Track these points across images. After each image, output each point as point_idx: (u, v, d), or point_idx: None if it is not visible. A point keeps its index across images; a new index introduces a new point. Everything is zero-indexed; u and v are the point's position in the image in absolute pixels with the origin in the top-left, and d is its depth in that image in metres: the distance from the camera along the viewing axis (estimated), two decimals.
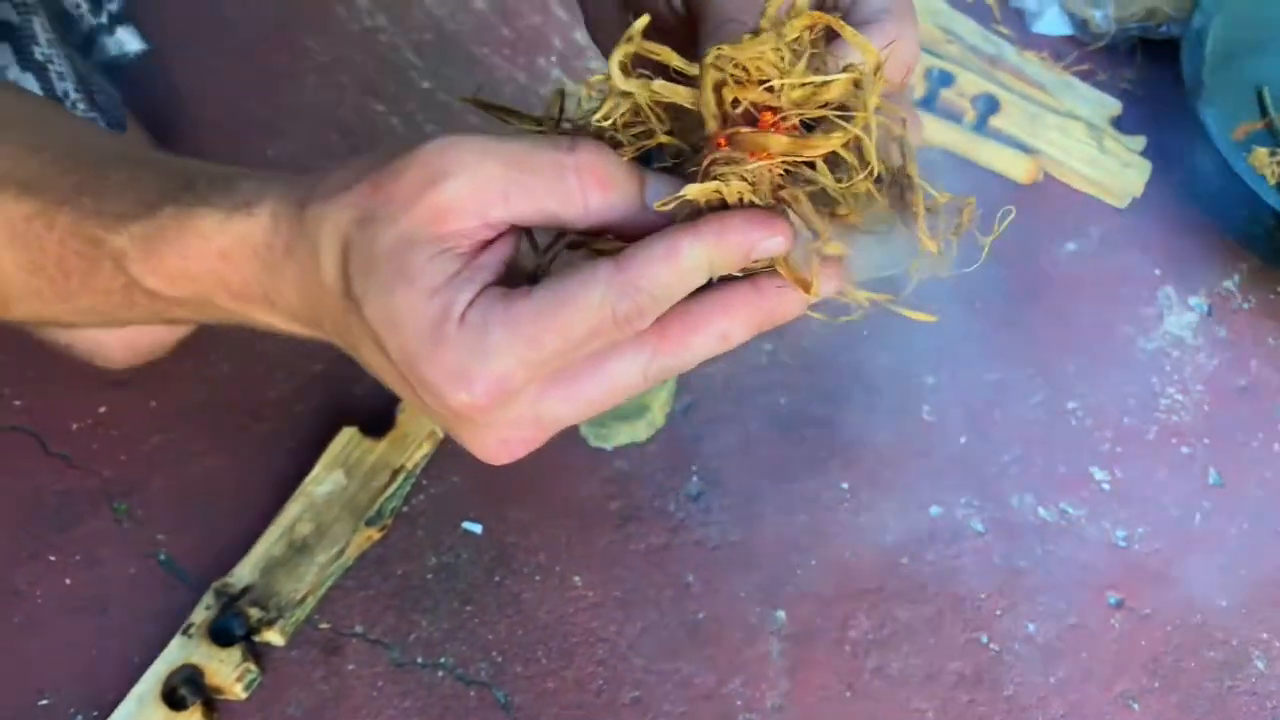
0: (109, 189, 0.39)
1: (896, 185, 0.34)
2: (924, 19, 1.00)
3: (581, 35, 1.01)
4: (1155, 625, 0.73)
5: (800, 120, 0.33)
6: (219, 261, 0.36)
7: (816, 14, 0.33)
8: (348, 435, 0.74)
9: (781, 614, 0.71)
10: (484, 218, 0.32)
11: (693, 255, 0.32)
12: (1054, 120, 0.95)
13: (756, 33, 0.32)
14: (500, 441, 0.35)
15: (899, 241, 0.34)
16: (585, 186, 0.33)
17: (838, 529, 0.75)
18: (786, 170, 0.33)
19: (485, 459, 0.36)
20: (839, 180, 0.33)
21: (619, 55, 0.33)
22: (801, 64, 0.32)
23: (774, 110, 0.32)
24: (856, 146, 0.33)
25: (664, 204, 0.33)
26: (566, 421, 0.35)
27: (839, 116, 0.32)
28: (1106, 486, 0.78)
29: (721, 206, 0.33)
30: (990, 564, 0.74)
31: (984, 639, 0.71)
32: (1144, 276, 0.89)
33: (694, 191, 0.32)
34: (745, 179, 0.32)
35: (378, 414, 0.75)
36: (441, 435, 0.75)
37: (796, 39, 0.32)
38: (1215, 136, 0.82)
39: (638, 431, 0.77)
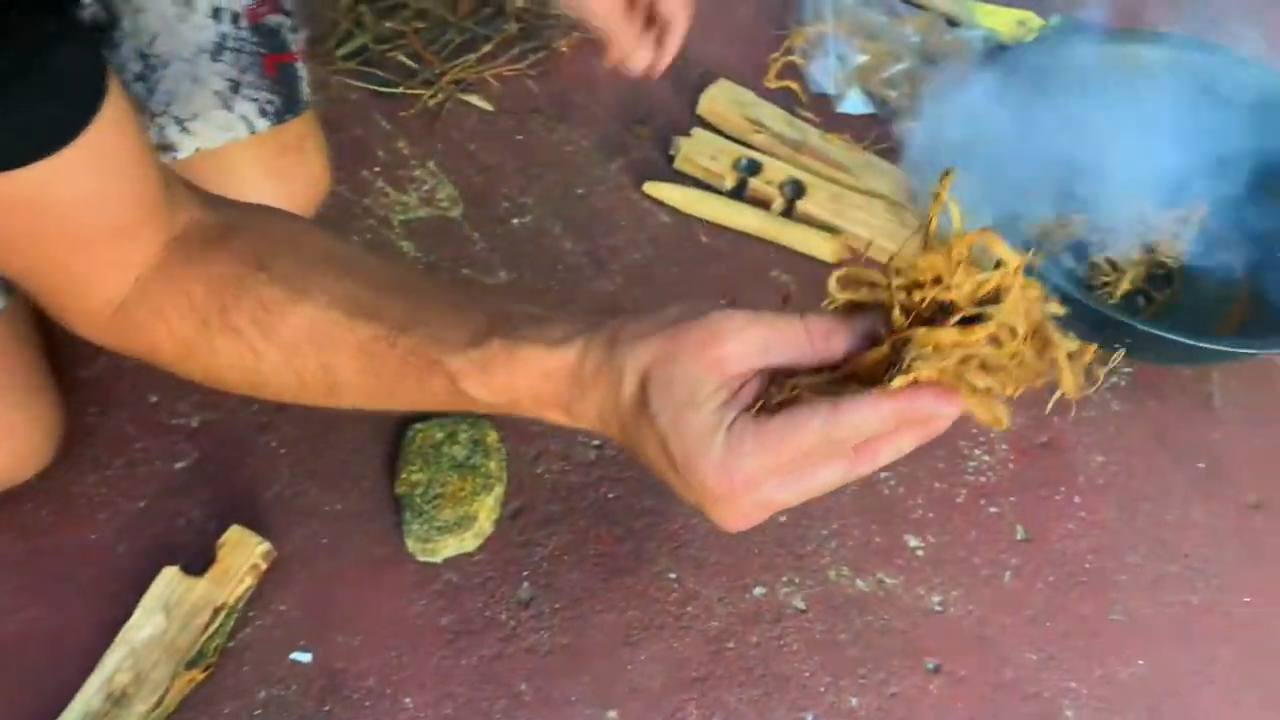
0: (438, 319, 0.54)
1: (1038, 338, 0.46)
2: (732, 109, 1.05)
3: (404, 144, 1.04)
4: (971, 687, 0.76)
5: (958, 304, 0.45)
6: (538, 380, 0.51)
7: (977, 233, 0.45)
8: (168, 575, 0.73)
9: (613, 714, 0.73)
10: (751, 365, 0.47)
11: (890, 412, 0.44)
12: (857, 199, 1.00)
13: (925, 247, 0.45)
14: (738, 515, 0.48)
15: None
16: (814, 341, 0.47)
17: (666, 620, 0.77)
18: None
19: (726, 528, 0.49)
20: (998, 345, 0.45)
21: (836, 276, 0.48)
22: (962, 268, 0.44)
23: (951, 304, 0.44)
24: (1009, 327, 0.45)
25: (877, 394, 0.45)
26: (789, 504, 0.48)
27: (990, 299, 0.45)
28: (921, 553, 0.82)
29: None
30: (813, 640, 0.77)
31: (809, 717, 0.74)
32: None
33: (899, 382, 0.44)
34: (938, 367, 0.44)
35: (200, 550, 0.75)
36: (265, 566, 0.75)
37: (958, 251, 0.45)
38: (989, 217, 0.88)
39: (465, 543, 0.78)
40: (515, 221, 0.99)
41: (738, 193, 1.01)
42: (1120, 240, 0.95)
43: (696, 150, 1.02)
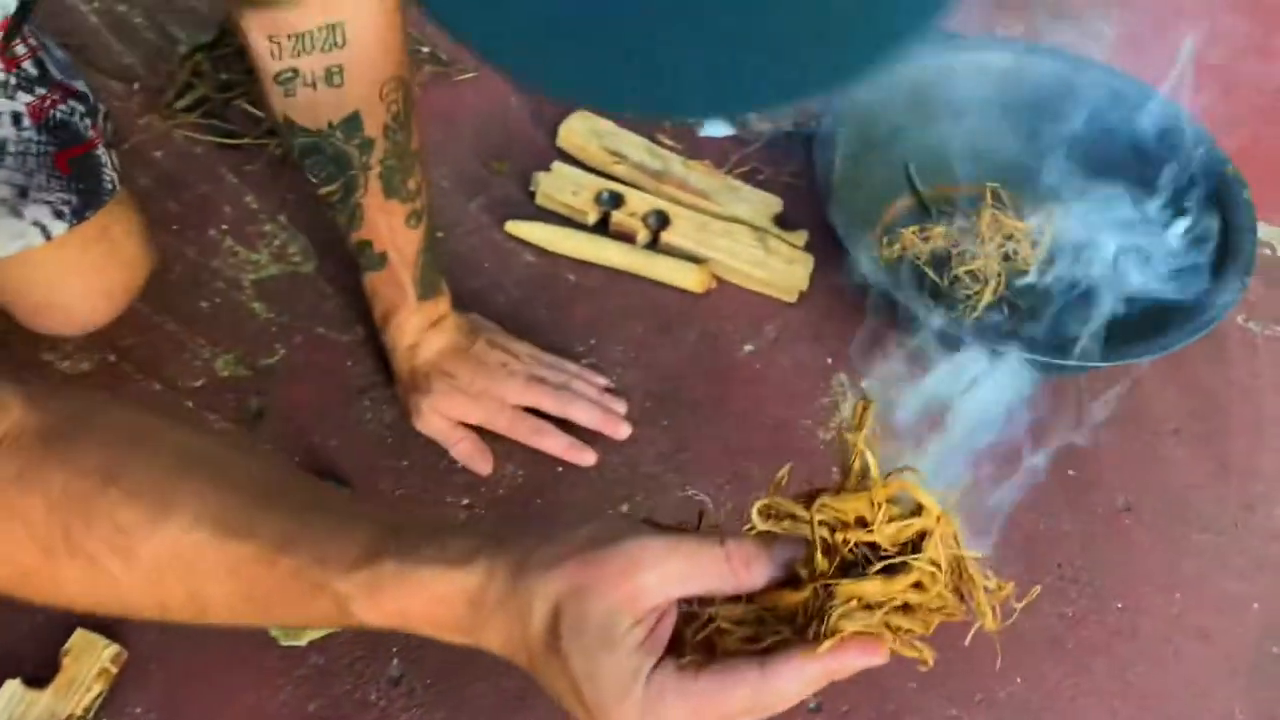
0: (322, 534, 0.48)
1: (957, 576, 0.47)
2: (591, 140, 1.03)
3: (252, 199, 1.00)
4: None
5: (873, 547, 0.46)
6: (434, 604, 0.47)
7: (897, 481, 0.46)
8: (10, 690, 0.69)
9: None
10: (669, 597, 0.45)
11: (817, 675, 0.44)
12: (721, 227, 0.99)
13: (843, 488, 0.46)
14: None
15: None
16: (736, 569, 0.45)
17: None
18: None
19: None
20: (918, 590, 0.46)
21: (759, 505, 0.47)
22: (882, 511, 0.45)
23: (873, 546, 0.45)
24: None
25: (805, 656, 0.45)
26: None
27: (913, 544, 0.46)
28: None
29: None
30: None
31: None
32: (818, 367, 0.94)
33: (826, 646, 0.44)
34: (858, 625, 0.45)
35: (44, 660, 0.71)
36: (115, 670, 0.71)
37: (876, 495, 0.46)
38: (843, 239, 0.87)
39: None
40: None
41: (601, 227, 1.00)
42: (980, 250, 0.96)
43: (556, 185, 1.00)
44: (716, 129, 1.07)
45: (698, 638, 0.47)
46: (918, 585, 0.45)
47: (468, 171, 1.04)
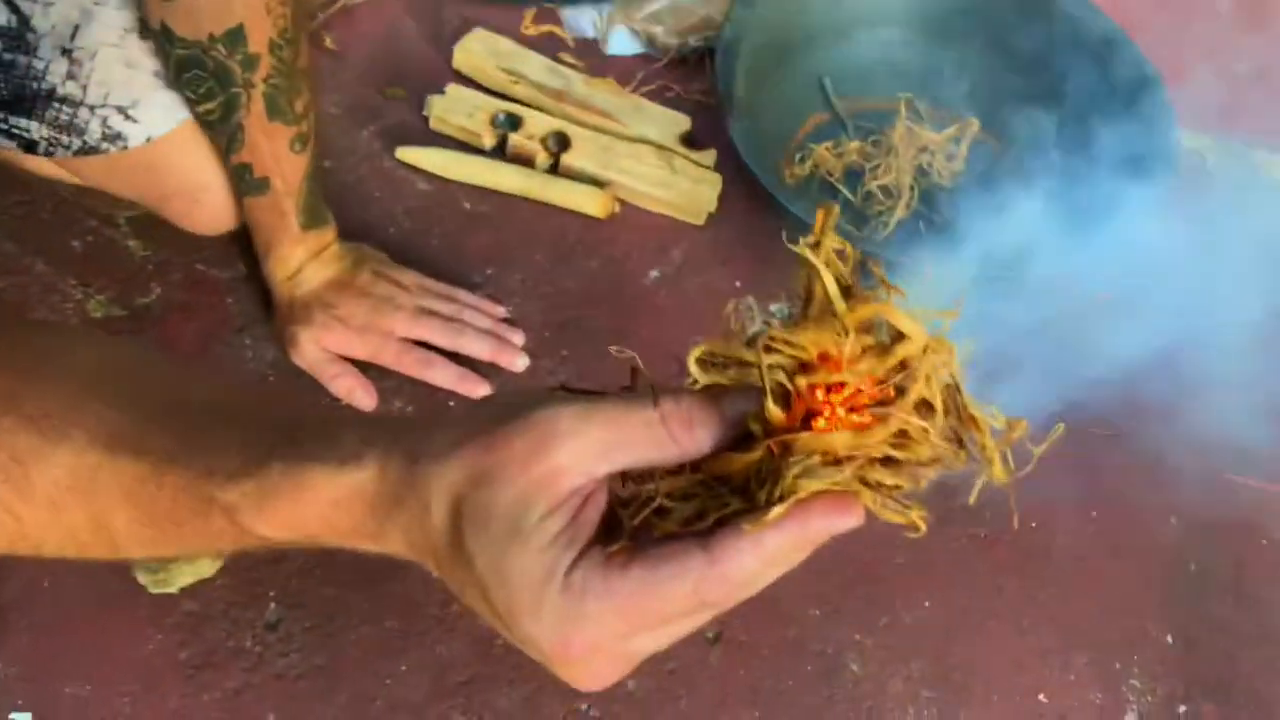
0: (213, 446, 0.43)
1: (954, 416, 0.36)
2: (488, 61, 0.98)
3: None
4: (753, 652, 0.73)
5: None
6: (329, 509, 0.40)
7: (869, 304, 0.36)
8: None
9: None
10: (591, 476, 0.36)
11: (778, 548, 0.35)
12: (625, 148, 0.94)
13: (803, 320, 0.36)
14: (593, 676, 0.38)
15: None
16: (674, 432, 0.36)
17: (429, 625, 0.72)
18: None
19: (579, 688, 0.39)
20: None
21: (696, 353, 0.38)
22: (852, 343, 0.35)
23: (838, 388, 0.35)
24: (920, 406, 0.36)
25: (755, 526, 0.35)
26: (654, 652, 0.38)
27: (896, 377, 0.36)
28: None
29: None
30: None
31: (584, 707, 0.70)
32: (726, 291, 0.90)
33: (779, 513, 0.34)
34: (823, 484, 0.35)
35: None
36: None
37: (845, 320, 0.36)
38: (744, 154, 0.83)
39: (203, 568, 0.72)
40: None
41: (499, 151, 0.95)
42: (895, 164, 0.91)
43: (451, 108, 0.95)
44: (623, 45, 1.02)
45: (635, 521, 0.38)
46: (902, 434, 0.36)
47: (360, 98, 0.99)
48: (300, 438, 0.42)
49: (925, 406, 0.36)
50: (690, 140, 0.97)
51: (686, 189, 0.93)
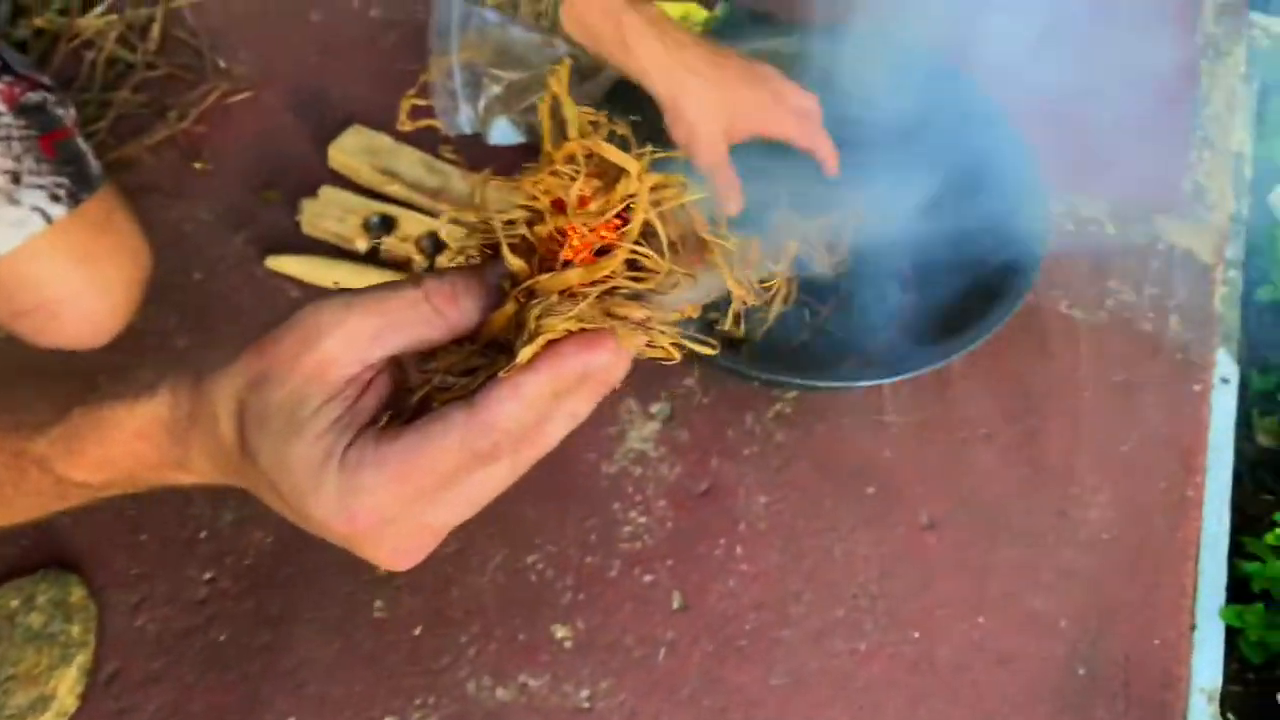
0: (21, 403, 0.44)
1: (691, 242, 0.38)
2: (362, 159, 0.96)
3: None
4: None
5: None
6: (135, 441, 0.41)
7: (579, 142, 0.37)
8: None
9: None
10: (363, 362, 0.37)
11: (536, 390, 0.36)
12: None
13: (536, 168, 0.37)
14: (394, 551, 0.39)
15: (707, 278, 0.39)
16: (440, 307, 0.37)
17: None
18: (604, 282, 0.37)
19: (387, 567, 0.39)
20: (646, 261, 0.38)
21: (443, 220, 0.37)
22: (578, 186, 0.36)
23: (573, 231, 0.36)
24: (648, 232, 0.37)
25: (509, 372, 0.36)
26: (455, 522, 0.38)
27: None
28: (569, 643, 0.76)
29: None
30: None
31: None
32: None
33: (527, 352, 0.35)
34: (568, 319, 0.36)
35: None
36: None
37: (575, 165, 0.37)
38: None
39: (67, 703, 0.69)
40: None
41: (373, 255, 0.93)
42: (772, 256, 0.89)
43: (323, 212, 0.93)
44: (505, 135, 1.00)
45: (415, 400, 0.38)
46: (637, 265, 0.37)
47: (235, 202, 0.97)
48: (100, 382, 0.43)
49: (652, 236, 0.37)
50: None
51: None
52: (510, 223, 0.37)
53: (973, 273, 0.83)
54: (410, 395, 0.39)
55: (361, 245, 0.92)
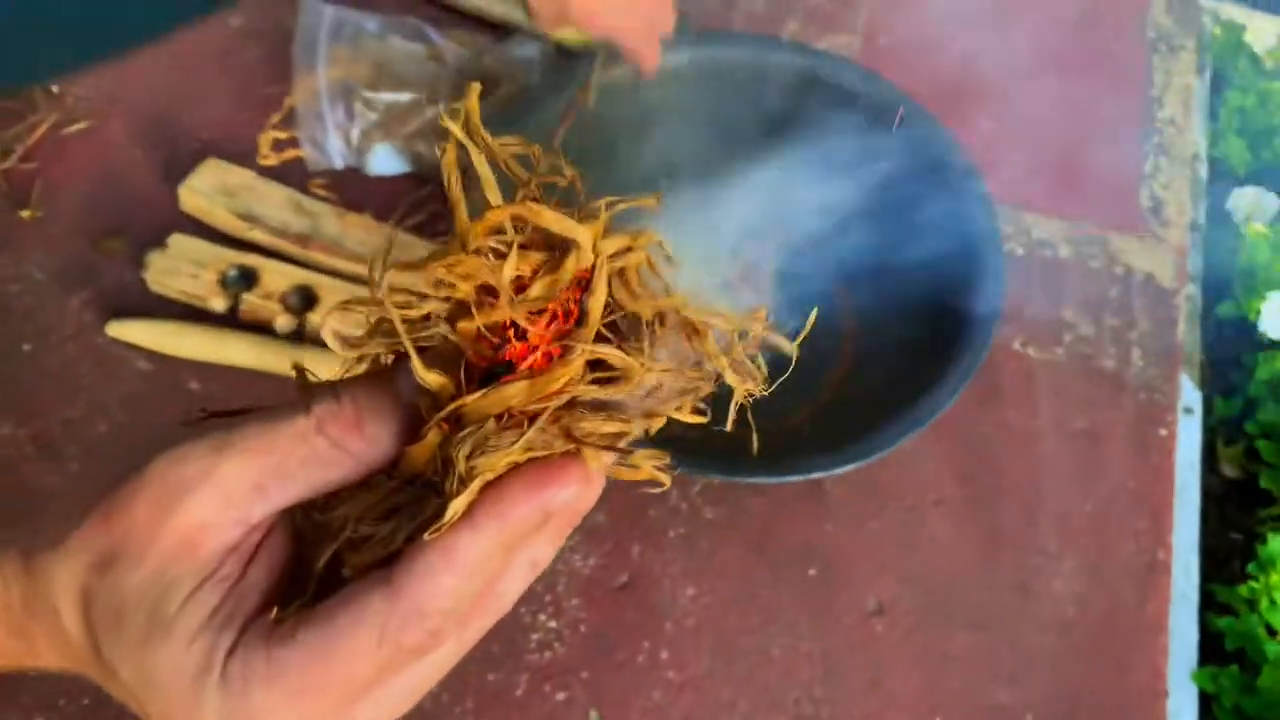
0: None
1: (674, 317, 0.29)
2: (216, 202, 0.83)
3: None
4: None
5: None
6: None
7: (510, 207, 0.27)
8: None
9: None
10: (244, 523, 0.29)
11: (478, 552, 0.27)
12: None
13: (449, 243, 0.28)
14: None
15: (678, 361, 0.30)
16: (339, 438, 0.29)
17: None
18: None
19: None
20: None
21: (330, 314, 0.25)
22: (510, 265, 0.27)
23: (514, 327, 0.28)
24: (613, 324, 0.28)
25: (437, 533, 0.27)
26: (394, 714, 0.30)
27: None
28: None
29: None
30: None
31: None
32: None
33: (459, 505, 0.27)
34: (512, 453, 0.27)
35: None
36: None
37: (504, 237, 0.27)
38: None
39: None
40: None
41: (233, 314, 0.80)
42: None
43: (172, 266, 0.80)
44: (386, 164, 0.88)
45: (321, 564, 0.30)
46: (604, 367, 0.28)
47: (72, 255, 0.83)
48: None
49: (616, 332, 0.28)
50: None
51: None
52: (423, 318, 0.28)
53: (924, 325, 0.74)
54: (313, 555, 0.30)
55: (218, 305, 0.79)
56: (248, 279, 0.80)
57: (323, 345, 0.78)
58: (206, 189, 0.83)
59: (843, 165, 0.71)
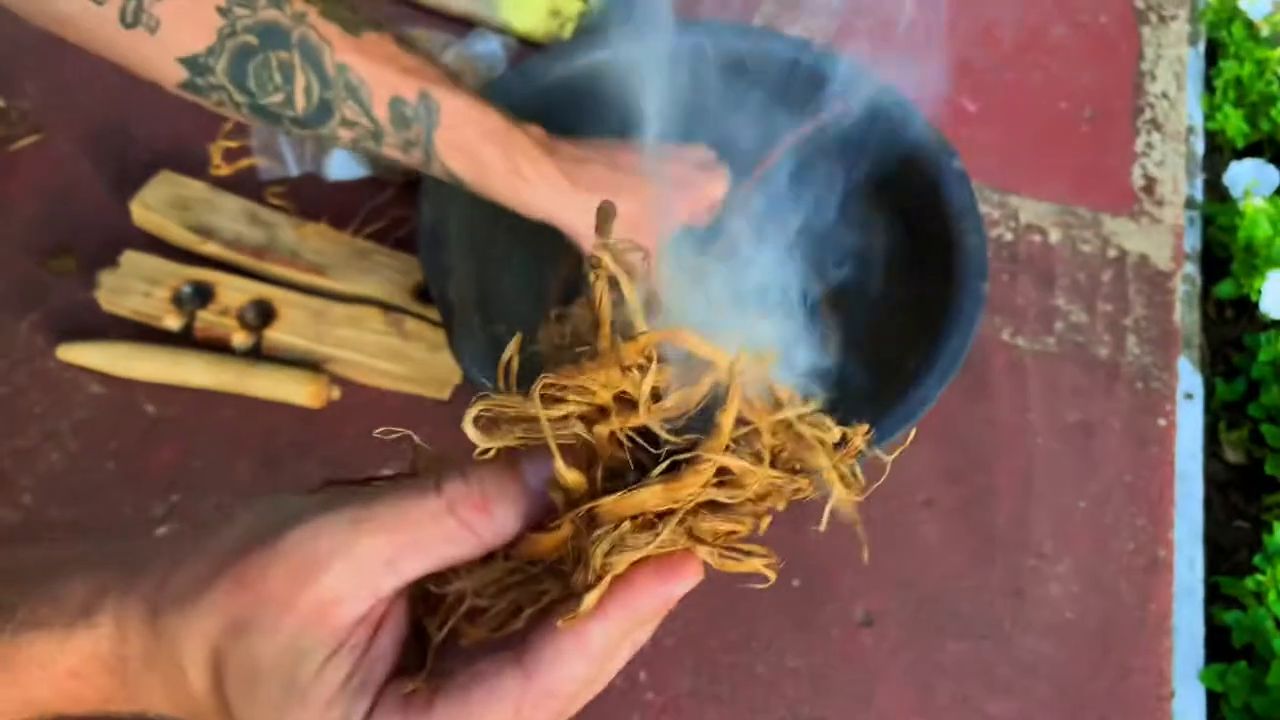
0: None
1: (779, 438, 0.31)
2: (170, 215, 0.80)
3: None
4: None
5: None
6: (69, 681, 0.33)
7: (658, 333, 0.30)
8: None
9: None
10: (375, 596, 0.30)
11: (607, 638, 0.30)
12: (342, 312, 0.77)
13: (592, 357, 0.30)
14: None
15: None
16: (468, 519, 0.30)
17: None
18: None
19: None
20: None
21: (471, 413, 0.30)
22: (649, 379, 0.30)
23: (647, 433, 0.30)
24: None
25: (570, 621, 0.30)
26: None
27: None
28: None
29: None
30: None
31: None
32: None
33: (593, 600, 0.29)
34: (638, 554, 0.30)
35: None
36: None
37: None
38: (445, 324, 0.66)
39: None
40: None
41: (188, 333, 0.77)
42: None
43: (124, 284, 0.77)
44: (345, 169, 0.84)
45: (441, 635, 0.32)
46: (724, 473, 0.31)
47: (21, 275, 0.80)
48: (20, 591, 0.33)
49: (736, 445, 0.31)
50: (426, 293, 0.79)
51: (422, 358, 0.76)
52: (562, 418, 0.30)
53: (906, 308, 0.70)
54: (429, 624, 0.32)
55: (173, 323, 0.76)
56: (203, 295, 0.77)
57: (278, 360, 0.76)
58: (160, 202, 0.80)
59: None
